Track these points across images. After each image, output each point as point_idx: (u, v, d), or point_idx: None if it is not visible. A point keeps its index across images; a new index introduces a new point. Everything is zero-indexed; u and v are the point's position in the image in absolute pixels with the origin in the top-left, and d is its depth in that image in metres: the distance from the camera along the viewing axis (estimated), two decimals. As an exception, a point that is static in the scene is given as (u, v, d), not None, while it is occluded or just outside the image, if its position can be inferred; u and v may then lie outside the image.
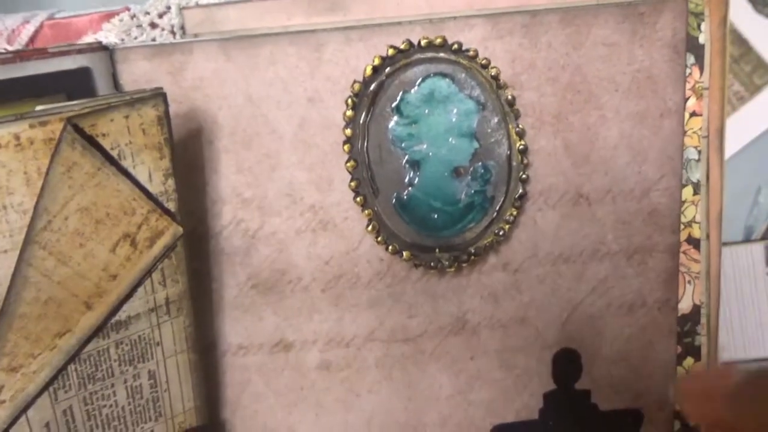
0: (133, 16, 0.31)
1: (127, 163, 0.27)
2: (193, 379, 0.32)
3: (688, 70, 0.33)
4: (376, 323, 0.35)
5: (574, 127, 0.33)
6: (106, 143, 0.26)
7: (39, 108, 0.25)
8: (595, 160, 0.33)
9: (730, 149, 0.40)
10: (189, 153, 0.32)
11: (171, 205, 0.29)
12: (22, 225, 0.25)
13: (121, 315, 0.29)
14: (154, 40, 0.31)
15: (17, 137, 0.24)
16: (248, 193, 0.33)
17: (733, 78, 0.46)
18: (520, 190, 0.32)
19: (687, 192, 0.34)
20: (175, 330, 0.32)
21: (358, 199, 0.32)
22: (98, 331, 0.29)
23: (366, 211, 0.32)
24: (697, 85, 0.34)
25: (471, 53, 0.31)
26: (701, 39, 0.33)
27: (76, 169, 0.26)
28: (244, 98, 0.32)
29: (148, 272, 0.29)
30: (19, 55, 0.28)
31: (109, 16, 0.31)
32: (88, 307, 0.28)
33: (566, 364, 0.36)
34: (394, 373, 0.35)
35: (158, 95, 0.27)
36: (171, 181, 0.29)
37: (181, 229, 0.30)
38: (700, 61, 0.33)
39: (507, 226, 0.33)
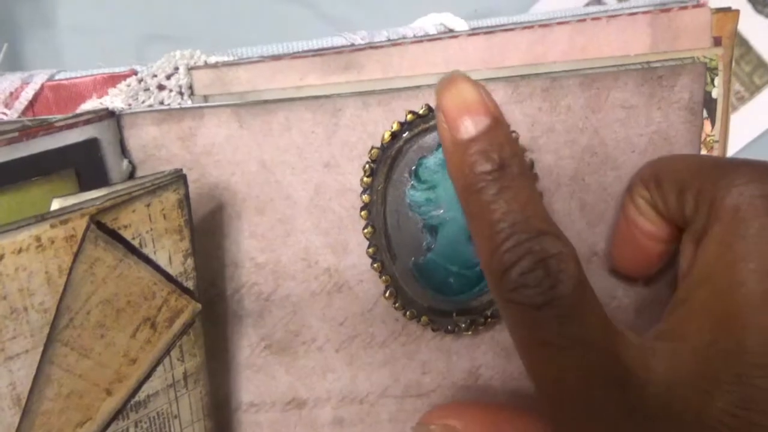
0: (140, 80, 0.29)
1: (147, 250, 0.26)
2: (209, 447, 0.32)
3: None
4: (390, 380, 0.35)
5: (590, 188, 0.33)
6: (127, 234, 0.25)
7: (56, 205, 0.24)
8: (610, 218, 0.33)
9: (729, 149, 0.41)
10: (200, 218, 0.31)
11: (190, 284, 0.28)
12: (43, 324, 0.24)
13: (140, 395, 0.29)
14: (162, 103, 0.30)
15: (38, 239, 0.23)
16: (262, 257, 0.32)
17: (734, 78, 0.46)
18: (537, 253, 0.32)
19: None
20: (193, 401, 0.31)
21: (375, 265, 0.32)
22: (118, 414, 0.28)
23: (384, 277, 0.32)
24: (708, 138, 0.34)
25: (491, 119, 0.31)
26: (714, 93, 0.33)
27: (98, 264, 0.25)
28: (258, 164, 0.31)
29: (167, 351, 0.29)
30: (26, 134, 0.27)
31: (114, 78, 0.30)
32: (109, 393, 0.27)
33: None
34: (407, 428, 0.35)
35: (179, 178, 0.26)
36: (190, 261, 0.28)
37: (199, 306, 0.29)
38: (711, 115, 0.33)
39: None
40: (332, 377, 0.34)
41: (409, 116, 0.30)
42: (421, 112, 0.30)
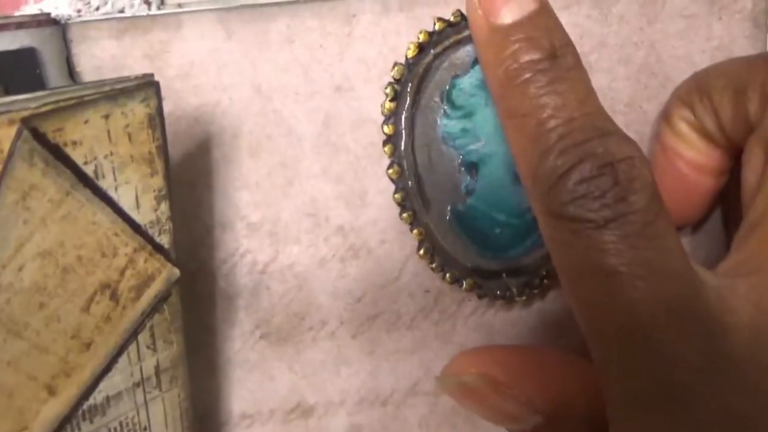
0: (93, -19, 0.23)
1: (106, 184, 0.19)
2: (195, 469, 0.24)
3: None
4: (421, 372, 0.28)
5: (649, 118, 0.27)
6: (77, 156, 0.18)
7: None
8: (672, 155, 0.28)
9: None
10: (176, 165, 0.24)
11: (164, 240, 0.21)
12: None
13: (97, 397, 0.21)
14: (122, 11, 0.23)
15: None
16: (256, 215, 0.25)
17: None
18: (597, 194, 0.26)
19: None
20: (168, 407, 0.23)
21: (404, 215, 0.25)
22: (65, 423, 0.20)
23: (416, 230, 0.25)
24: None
25: (537, 26, 0.25)
26: None
27: (35, 195, 0.17)
28: (251, 89, 0.24)
29: (133, 334, 0.21)
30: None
31: (58, -19, 0.23)
32: (51, 393, 0.19)
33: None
34: (444, 433, 0.28)
35: (149, 85, 0.19)
36: (165, 206, 0.21)
37: (177, 272, 0.21)
38: None
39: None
40: (347, 372, 0.27)
41: (439, 24, 0.24)
42: (452, 19, 0.25)
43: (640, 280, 0.18)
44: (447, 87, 0.25)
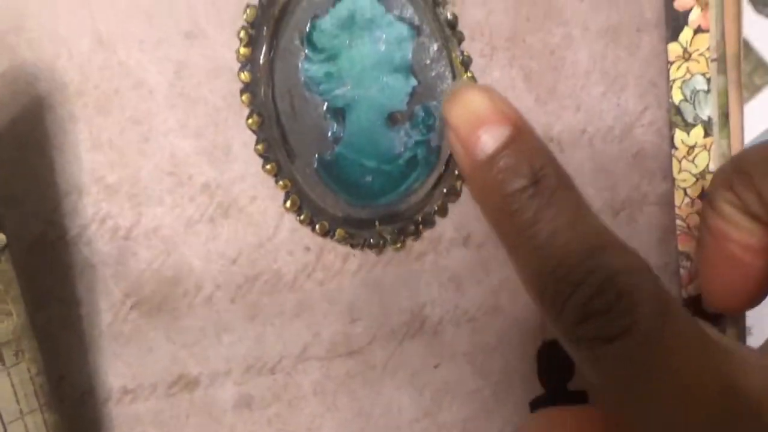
0: None
1: None
2: (54, 447, 0.22)
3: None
4: (309, 336, 0.26)
5: (533, 51, 0.26)
6: None
7: None
8: (564, 92, 0.26)
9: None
10: (18, 126, 0.23)
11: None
12: None
13: None
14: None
15: None
16: (113, 176, 0.24)
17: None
18: (477, 136, 0.25)
19: (696, 133, 0.28)
20: (16, 383, 0.22)
21: (268, 167, 0.24)
22: None
23: (281, 182, 0.24)
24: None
25: (398, -43, 0.24)
26: None
27: None
28: (92, 39, 0.23)
29: (-42, 302, 0.20)
30: None
31: None
32: None
33: (554, 360, 0.28)
34: (340, 399, 0.27)
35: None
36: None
37: (3, 238, 0.20)
38: None
39: (460, 183, 0.25)
40: (230, 340, 0.26)
41: (291, -40, 0.23)
42: (306, -47, 0.23)
43: (664, 383, 0.18)
44: (307, 28, 0.24)
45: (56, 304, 0.24)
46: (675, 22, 0.27)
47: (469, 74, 0.25)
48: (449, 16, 0.25)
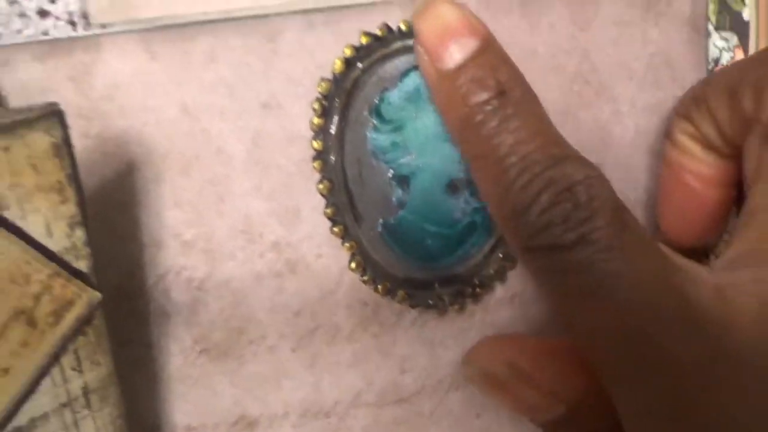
0: (12, 2, 0.23)
1: (12, 215, 0.19)
2: (132, 486, 0.24)
3: (730, 54, 0.28)
4: (363, 384, 0.28)
5: (584, 126, 0.27)
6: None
7: None
8: (611, 164, 0.28)
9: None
10: (106, 186, 0.25)
11: (82, 265, 0.21)
12: None
13: (21, 419, 0.21)
14: (46, 33, 0.23)
15: None
16: (190, 233, 0.25)
17: None
18: (531, 204, 0.26)
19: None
20: (99, 426, 0.23)
21: (335, 229, 0.25)
22: (-12, 447, 0.20)
23: (347, 244, 0.25)
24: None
25: (464, 38, 0.25)
26: (745, 15, 0.28)
27: None
28: (178, 109, 0.24)
29: (55, 357, 0.21)
30: None
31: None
32: (-26, 415, 0.20)
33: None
34: (388, 443, 0.28)
35: (52, 114, 0.19)
36: (80, 233, 0.21)
37: (98, 295, 0.22)
38: (744, 42, 0.28)
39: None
40: (290, 385, 0.27)
41: (364, 39, 0.25)
42: (379, 33, 0.25)
43: (619, 292, 0.18)
44: (376, 101, 0.25)
45: (132, 347, 0.26)
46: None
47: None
48: (508, 90, 0.26)
